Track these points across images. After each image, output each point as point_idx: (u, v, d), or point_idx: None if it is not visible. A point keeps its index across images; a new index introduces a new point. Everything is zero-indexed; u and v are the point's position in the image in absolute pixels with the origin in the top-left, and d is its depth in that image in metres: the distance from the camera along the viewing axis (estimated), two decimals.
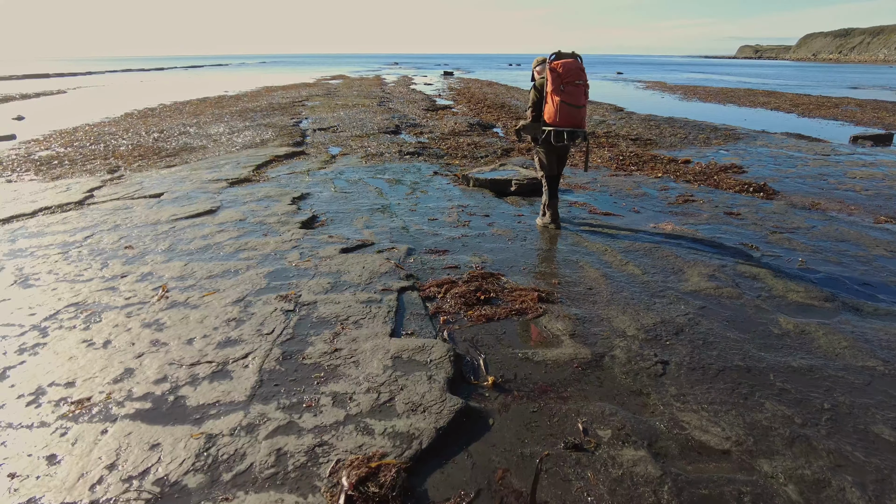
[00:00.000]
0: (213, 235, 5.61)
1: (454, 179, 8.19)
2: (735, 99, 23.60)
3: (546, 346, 3.44)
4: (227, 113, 17.98)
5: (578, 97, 5.10)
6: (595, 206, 6.83)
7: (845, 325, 3.75)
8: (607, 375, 3.14)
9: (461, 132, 13.35)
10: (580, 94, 5.10)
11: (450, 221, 6.03)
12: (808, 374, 3.14)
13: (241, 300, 4.08)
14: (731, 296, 4.16)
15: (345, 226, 5.90)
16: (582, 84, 5.09)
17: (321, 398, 2.90)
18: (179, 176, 8.64)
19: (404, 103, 21.01)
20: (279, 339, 3.50)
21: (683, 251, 5.12)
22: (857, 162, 9.73)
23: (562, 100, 5.11)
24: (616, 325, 3.69)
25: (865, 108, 19.20)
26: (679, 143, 11.83)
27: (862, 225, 6.15)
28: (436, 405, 2.80)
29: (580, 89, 5.10)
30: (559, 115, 5.18)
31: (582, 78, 5.08)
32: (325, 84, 34.79)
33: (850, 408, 2.85)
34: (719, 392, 2.97)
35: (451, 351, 3.28)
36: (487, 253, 5.05)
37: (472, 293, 4.09)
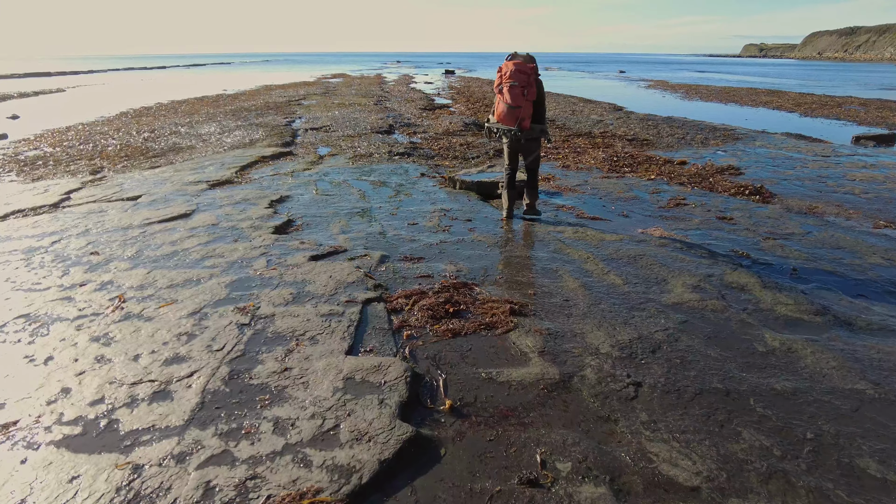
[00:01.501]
0: (182, 241, 5.40)
1: (441, 182, 7.97)
2: (737, 98, 23.27)
3: (512, 365, 3.22)
4: (222, 112, 17.80)
5: (514, 97, 5.34)
6: (583, 209, 6.60)
7: (835, 341, 3.51)
8: (574, 399, 2.92)
9: (455, 132, 13.13)
10: (516, 95, 5.33)
11: (430, 226, 5.81)
12: (791, 399, 2.91)
13: (197, 312, 3.87)
14: (716, 309, 3.93)
15: (320, 231, 5.69)
16: (517, 86, 5.30)
17: (262, 424, 2.69)
18: (161, 177, 8.45)
19: (402, 102, 20.80)
20: (228, 357, 3.29)
21: (669, 259, 4.88)
22: (858, 163, 9.45)
23: (500, 98, 5.48)
24: (589, 342, 3.47)
25: (869, 108, 18.87)
26: (676, 143, 11.57)
27: (860, 230, 5.90)
28: (383, 434, 2.58)
29: (515, 90, 5.32)
30: (497, 113, 5.59)
31: (519, 80, 5.28)
32: (325, 83, 34.61)
33: (834, 437, 2.62)
34: (693, 419, 2.75)
35: (408, 371, 3.06)
36: (464, 261, 4.83)
37: (441, 305, 3.87)
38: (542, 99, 5.65)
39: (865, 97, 23.36)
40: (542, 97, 5.63)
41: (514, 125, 5.49)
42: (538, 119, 5.66)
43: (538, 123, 5.66)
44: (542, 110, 5.67)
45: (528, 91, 5.33)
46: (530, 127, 5.55)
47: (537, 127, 5.64)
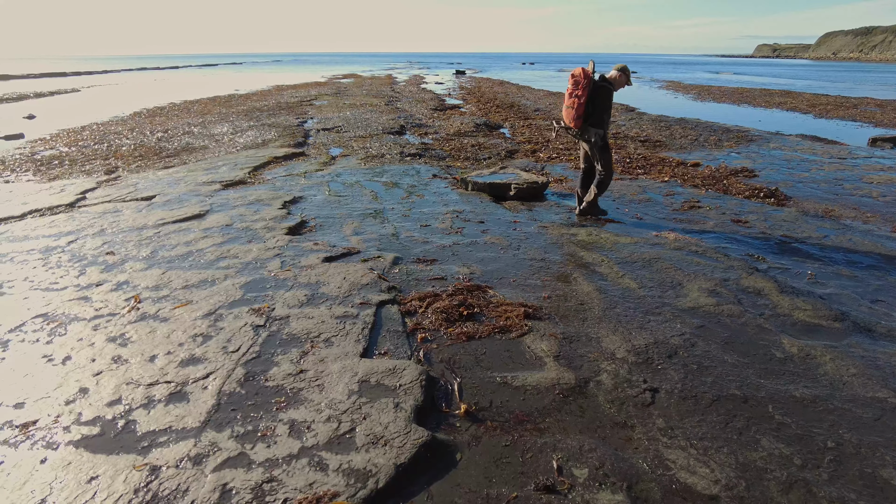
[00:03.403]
0: (196, 241, 5.44)
1: (453, 183, 7.96)
2: (750, 99, 23.07)
3: (527, 369, 3.21)
4: (234, 112, 17.91)
5: (566, 98, 5.95)
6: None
7: (855, 348, 3.46)
8: (590, 404, 2.90)
9: (466, 133, 13.12)
10: (567, 96, 5.93)
11: (442, 228, 5.81)
12: (811, 406, 2.87)
13: (213, 313, 3.89)
14: (732, 314, 3.89)
15: (333, 232, 5.70)
16: (569, 88, 5.91)
17: (278, 426, 2.70)
18: (175, 178, 8.51)
19: (412, 103, 20.82)
20: (244, 358, 3.30)
21: (685, 263, 4.84)
22: (875, 166, 9.33)
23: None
24: (605, 346, 3.45)
25: (886, 109, 18.62)
26: (689, 145, 11.49)
27: (878, 234, 5.82)
28: (399, 438, 2.58)
29: (568, 92, 5.93)
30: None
31: (572, 84, 5.88)
32: (336, 83, 34.72)
33: (856, 447, 2.58)
34: (711, 426, 2.72)
35: (423, 374, 3.06)
36: (477, 263, 4.82)
37: (455, 308, 3.86)
38: (601, 106, 5.88)
39: (882, 98, 23.06)
40: (600, 103, 5.87)
41: (567, 123, 5.97)
42: (595, 122, 5.91)
43: (594, 127, 5.92)
44: (597, 115, 5.90)
45: (578, 94, 5.80)
46: (581, 127, 5.93)
47: (589, 129, 5.93)
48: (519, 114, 17.27)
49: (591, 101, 5.85)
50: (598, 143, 6.02)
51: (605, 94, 5.89)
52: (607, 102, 5.93)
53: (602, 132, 5.94)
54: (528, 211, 6.63)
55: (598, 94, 5.85)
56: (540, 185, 7.39)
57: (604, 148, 6.10)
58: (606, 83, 5.92)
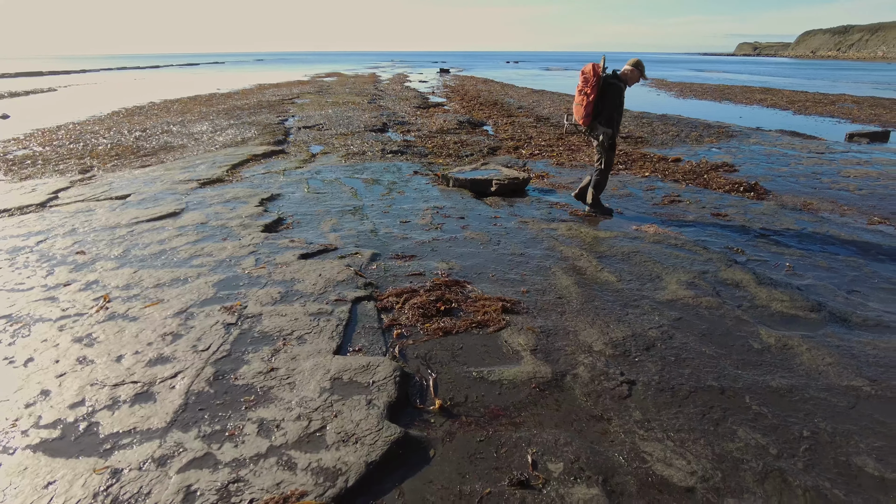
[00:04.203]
0: (170, 240, 5.32)
1: (434, 179, 7.90)
2: (731, 96, 23.28)
3: (504, 364, 3.16)
4: (214, 111, 17.68)
5: (576, 95, 5.88)
6: (577, 207, 6.54)
7: (831, 338, 3.47)
8: (567, 397, 2.86)
9: (449, 130, 13.06)
10: (577, 93, 5.87)
11: (422, 224, 5.75)
12: (787, 396, 2.86)
13: (184, 312, 3.80)
14: (711, 306, 3.88)
15: (310, 229, 5.62)
16: (579, 85, 5.83)
17: (246, 426, 2.62)
18: (152, 176, 8.35)
19: (396, 101, 20.71)
20: (214, 357, 3.22)
21: (664, 256, 4.83)
22: (852, 160, 9.44)
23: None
24: (582, 340, 3.41)
25: (862, 105, 18.90)
26: (671, 140, 11.54)
27: (854, 227, 5.87)
28: (370, 435, 2.51)
29: (577, 89, 5.85)
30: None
31: (581, 80, 5.79)
32: (319, 81, 34.46)
33: (831, 435, 2.57)
34: (688, 417, 2.69)
35: (397, 371, 3.00)
36: (457, 258, 4.77)
37: (433, 303, 3.81)
38: (610, 103, 5.78)
39: (858, 95, 23.40)
40: (609, 101, 5.77)
41: (577, 120, 5.93)
42: (605, 121, 5.84)
43: (603, 125, 5.86)
44: (606, 113, 5.82)
45: (587, 91, 5.73)
46: (589, 125, 5.90)
47: (598, 126, 5.88)
48: (502, 111, 17.24)
49: (602, 99, 5.76)
50: (605, 142, 5.94)
51: (615, 92, 5.76)
52: (617, 100, 5.79)
53: (611, 131, 5.85)
54: (509, 207, 6.59)
55: (608, 92, 5.75)
56: (521, 180, 7.36)
57: (610, 147, 6.01)
58: (617, 80, 5.81)
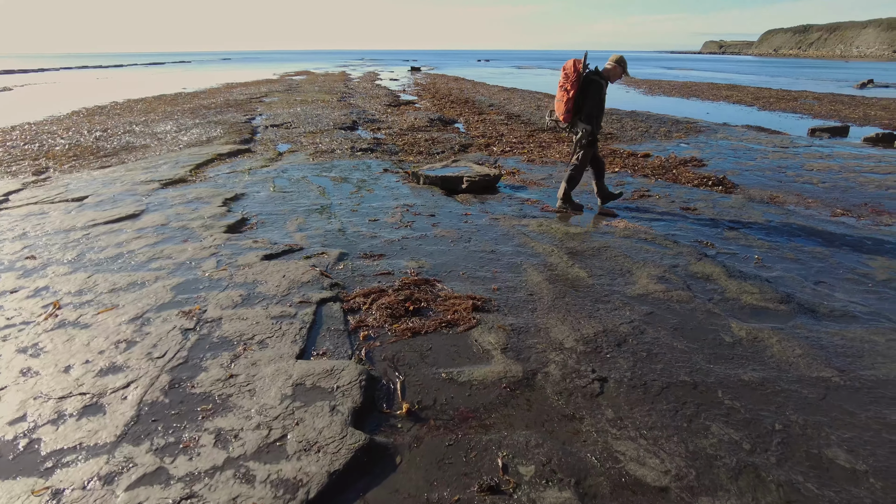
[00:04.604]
0: (128, 243, 5.09)
1: (404, 177, 7.78)
2: (698, 93, 23.68)
3: (474, 364, 3.07)
4: (180, 110, 17.22)
5: (557, 91, 5.84)
6: (548, 203, 6.51)
7: (800, 329, 3.47)
8: (538, 397, 2.78)
9: (420, 128, 12.95)
10: (557, 89, 5.83)
11: (392, 222, 5.63)
12: (759, 389, 2.83)
13: (139, 317, 3.61)
14: (682, 300, 3.86)
15: (275, 229, 5.45)
16: (559, 81, 5.79)
17: (202, 436, 2.48)
18: (111, 177, 8.04)
19: (366, 99, 20.49)
20: (170, 364, 3.05)
21: (634, 251, 4.81)
22: (815, 154, 9.63)
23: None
24: (554, 337, 3.35)
25: (823, 102, 19.40)
26: (640, 136, 11.63)
27: (819, 219, 5.95)
28: (333, 443, 2.40)
29: (558, 85, 5.79)
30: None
31: (562, 76, 5.74)
32: (288, 80, 33.93)
33: (802, 428, 2.54)
34: (661, 414, 2.64)
35: (363, 374, 2.88)
36: (426, 257, 4.66)
37: (401, 303, 3.70)
38: (590, 100, 5.68)
39: (819, 92, 24.04)
40: (590, 98, 5.68)
41: (558, 116, 5.89)
42: (585, 117, 5.76)
43: (584, 122, 5.78)
44: (586, 110, 5.73)
45: (567, 87, 5.67)
46: (570, 121, 5.85)
47: (578, 123, 5.81)
48: (473, 109, 17.19)
49: (582, 95, 5.69)
50: (582, 140, 5.86)
51: (595, 88, 5.67)
52: (597, 96, 5.68)
53: (590, 128, 5.76)
54: (480, 203, 6.51)
55: (589, 88, 5.67)
56: (492, 177, 7.29)
57: (589, 145, 5.91)
58: (598, 76, 5.73)
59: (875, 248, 5.01)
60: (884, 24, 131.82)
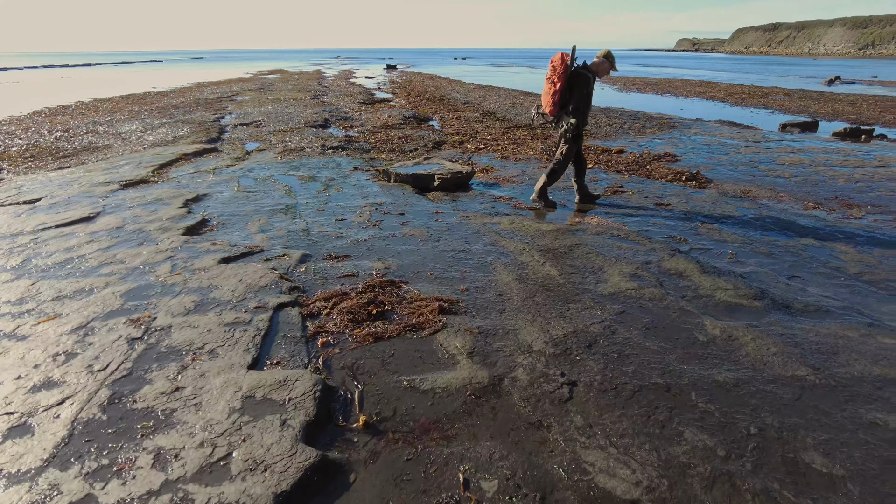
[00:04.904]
0: (79, 247, 4.82)
1: (375, 175, 7.59)
2: (672, 89, 23.86)
3: (438, 370, 2.91)
4: (147, 110, 16.75)
5: (545, 83, 5.74)
6: (521, 200, 6.38)
7: (775, 326, 3.38)
8: (504, 404, 2.64)
9: (394, 125, 12.75)
10: (545, 81, 5.74)
11: (359, 222, 5.44)
12: (733, 391, 2.73)
13: (83, 327, 3.38)
14: (654, 297, 3.75)
15: (237, 230, 5.22)
16: (547, 74, 5.69)
17: (140, 457, 2.27)
18: (69, 178, 7.70)
19: (340, 97, 20.19)
20: (111, 378, 2.83)
21: (606, 248, 4.70)
22: (786, 148, 9.69)
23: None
24: (522, 339, 3.20)
25: (793, 97, 19.68)
26: (614, 132, 11.59)
27: (791, 213, 5.93)
28: (282, 461, 2.22)
29: (546, 77, 5.70)
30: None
31: (549, 69, 5.66)
32: (262, 79, 33.38)
33: (778, 431, 2.44)
34: (632, 420, 2.51)
35: (318, 385, 2.70)
36: (394, 257, 4.49)
37: (364, 307, 3.52)
38: (577, 93, 5.61)
39: (789, 88, 24.42)
40: (577, 91, 5.60)
41: (544, 109, 5.78)
42: (572, 112, 5.65)
43: (569, 115, 5.67)
44: (573, 103, 5.63)
45: (554, 80, 5.57)
46: (556, 114, 5.73)
47: (564, 116, 5.71)
48: (448, 106, 17.04)
49: (569, 88, 5.61)
50: (567, 133, 5.75)
51: (582, 82, 5.58)
52: (584, 90, 5.61)
53: (575, 121, 5.65)
54: (451, 201, 6.36)
55: (576, 81, 5.58)
56: (465, 174, 7.15)
57: (574, 139, 5.82)
58: (587, 70, 5.64)
59: (846, 241, 4.98)
60: (849, 23, 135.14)
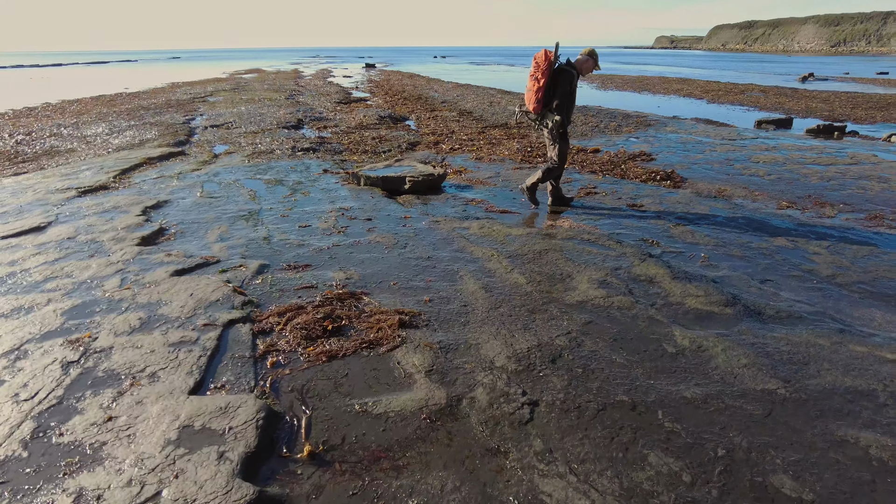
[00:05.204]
0: (24, 260, 4.57)
1: (345, 178, 7.39)
2: (650, 87, 23.94)
3: (394, 391, 2.75)
4: (116, 111, 16.30)
5: (528, 81, 5.56)
6: (493, 203, 6.24)
7: (746, 335, 3.28)
8: (461, 428, 2.48)
9: (369, 126, 12.54)
10: (528, 79, 5.55)
11: (324, 228, 5.25)
12: (702, 408, 2.60)
13: (15, 350, 3.15)
14: (623, 306, 3.62)
15: (195, 239, 5.00)
16: (530, 71, 5.50)
17: (58, 500, 2.08)
18: (24, 185, 7.38)
19: (316, 96, 19.89)
20: (39, 408, 2.62)
21: (576, 253, 4.58)
22: (761, 146, 9.68)
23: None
24: (484, 354, 3.05)
25: (769, 94, 19.85)
26: (590, 131, 11.52)
27: (765, 212, 5.87)
28: (215, 500, 2.04)
29: (529, 74, 5.52)
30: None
31: (532, 67, 5.48)
32: (238, 79, 32.86)
33: (746, 452, 2.32)
34: (595, 443, 2.37)
35: (262, 411, 2.52)
36: (357, 266, 4.32)
37: (320, 322, 3.34)
38: (561, 90, 5.49)
39: (765, 84, 24.65)
40: (560, 88, 5.48)
41: (527, 107, 5.66)
42: (556, 109, 5.54)
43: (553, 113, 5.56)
44: (557, 101, 5.51)
45: (538, 76, 5.42)
46: (540, 112, 5.61)
47: (548, 114, 5.59)
48: (426, 106, 16.85)
49: (553, 86, 5.49)
50: (554, 130, 5.66)
51: (566, 79, 5.47)
52: (567, 87, 5.49)
53: (560, 119, 5.55)
54: (422, 205, 6.20)
55: (559, 78, 5.47)
56: (437, 176, 6.99)
57: (561, 137, 5.73)
58: (571, 68, 5.54)
59: (819, 242, 4.92)
60: (822, 21, 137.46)
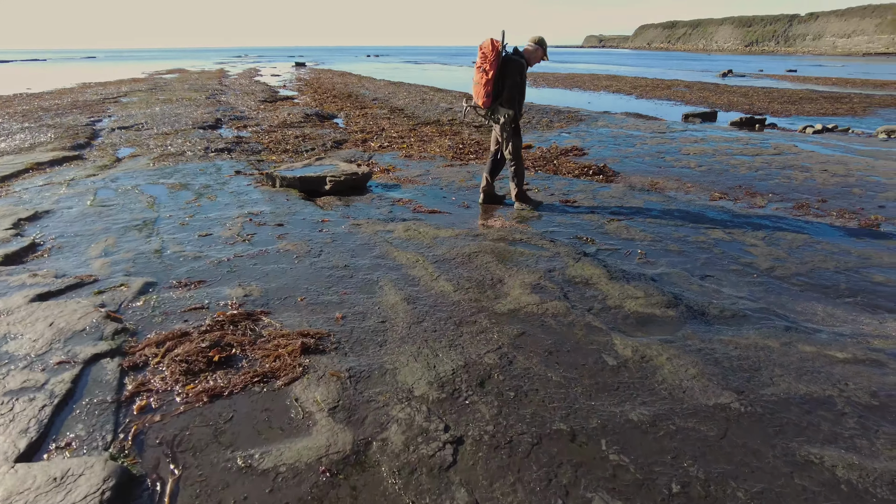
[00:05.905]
0: None
1: (259, 179, 6.76)
2: (580, 83, 24.23)
3: (288, 437, 2.25)
4: (9, 113, 14.75)
5: (475, 73, 5.21)
6: (421, 203, 5.80)
7: (691, 340, 2.98)
8: (369, 481, 2.02)
9: (293, 124, 11.84)
10: (475, 71, 5.21)
11: (227, 237, 4.64)
12: (650, 432, 2.26)
13: None
14: (558, 313, 3.26)
15: (73, 255, 4.28)
16: (477, 63, 5.17)
17: None
18: None
19: (239, 96, 18.83)
20: None
21: (508, 254, 4.20)
22: (690, 138, 9.74)
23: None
24: (402, 381, 2.60)
25: (693, 89, 20.46)
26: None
27: (698, 204, 5.73)
28: None
29: (476, 66, 5.18)
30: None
31: (479, 58, 5.12)
32: (157, 79, 30.89)
33: (704, 485, 1.98)
34: (529, 489, 1.97)
35: (112, 478, 1.97)
36: (260, 280, 3.76)
37: (205, 351, 2.79)
38: (511, 82, 5.07)
39: (689, 80, 25.51)
40: (510, 80, 5.06)
41: (476, 101, 5.29)
42: (506, 101, 5.11)
43: (504, 106, 5.13)
44: (507, 93, 5.10)
45: (486, 68, 5.06)
46: (490, 106, 5.22)
47: (499, 108, 5.19)
48: (356, 103, 16.25)
49: (502, 78, 5.06)
50: (507, 126, 5.25)
51: (515, 69, 5.07)
52: (517, 78, 5.10)
53: (513, 112, 5.14)
54: (344, 207, 5.67)
55: (508, 69, 5.05)
56: (361, 176, 6.48)
57: (514, 132, 5.33)
58: (519, 57, 5.13)
59: (754, 233, 4.79)
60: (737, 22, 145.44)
